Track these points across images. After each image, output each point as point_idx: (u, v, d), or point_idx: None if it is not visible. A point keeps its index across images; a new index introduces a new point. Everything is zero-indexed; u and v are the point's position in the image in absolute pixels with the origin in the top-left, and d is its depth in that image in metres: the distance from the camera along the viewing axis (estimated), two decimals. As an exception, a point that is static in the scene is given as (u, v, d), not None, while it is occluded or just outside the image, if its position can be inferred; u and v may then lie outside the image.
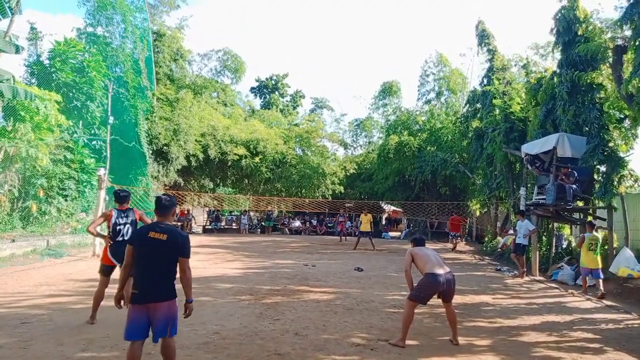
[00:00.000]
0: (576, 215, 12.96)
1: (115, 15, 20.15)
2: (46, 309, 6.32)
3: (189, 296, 3.83)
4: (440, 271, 5.35)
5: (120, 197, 5.94)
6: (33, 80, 16.52)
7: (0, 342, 4.85)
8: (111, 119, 16.54)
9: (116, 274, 5.83)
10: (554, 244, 13.60)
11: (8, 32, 13.14)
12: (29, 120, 13.47)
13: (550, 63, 14.67)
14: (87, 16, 20.35)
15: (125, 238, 5.73)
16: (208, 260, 13.03)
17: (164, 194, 4.45)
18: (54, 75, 16.39)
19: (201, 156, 23.61)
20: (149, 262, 3.71)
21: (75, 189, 15.19)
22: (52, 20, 67.87)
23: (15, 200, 13.68)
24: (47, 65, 16.78)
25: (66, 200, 14.83)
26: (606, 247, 11.49)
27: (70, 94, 16.48)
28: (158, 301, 3.67)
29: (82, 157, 15.98)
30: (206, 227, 26.94)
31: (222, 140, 24.67)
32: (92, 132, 17.23)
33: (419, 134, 28.56)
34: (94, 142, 17.27)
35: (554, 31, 12.99)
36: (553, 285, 10.67)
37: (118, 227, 5.75)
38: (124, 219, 5.80)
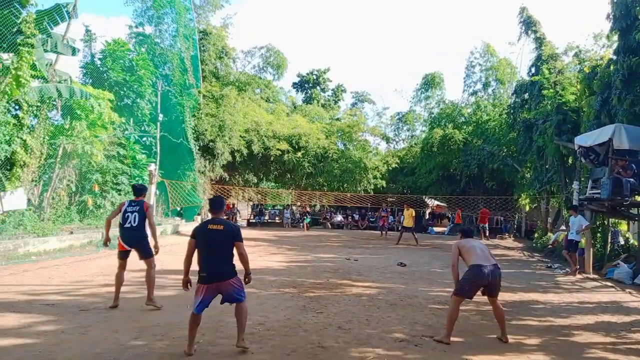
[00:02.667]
0: (634, 211, 12.24)
1: (165, 15, 20.84)
2: (102, 298, 6.65)
3: (248, 270, 4.69)
4: (484, 263, 5.22)
5: (135, 190, 6.68)
6: (88, 80, 17.36)
7: (62, 328, 5.16)
8: (161, 116, 17.12)
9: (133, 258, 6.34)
10: (609, 240, 12.92)
11: (65, 36, 13.88)
12: (84, 118, 14.14)
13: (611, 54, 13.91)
14: (135, 17, 21.20)
15: (133, 225, 6.25)
16: (252, 252, 13.24)
17: (216, 196, 5.25)
18: (105, 74, 17.16)
19: (245, 151, 24.07)
20: (211, 248, 4.43)
21: (127, 184, 15.87)
22: (105, 22, 71.05)
23: (73, 194, 14.47)
24: (99, 65, 17.58)
25: (119, 194, 15.50)
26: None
27: (122, 92, 17.21)
28: (224, 280, 4.44)
29: (134, 153, 16.65)
30: (250, 220, 27.49)
31: (265, 136, 25.04)
32: (143, 129, 17.94)
33: (465, 127, 27.86)
34: (144, 139, 17.96)
35: (611, 16, 12.26)
36: (608, 283, 10.14)
37: (126, 215, 6.30)
38: (134, 207, 6.34)
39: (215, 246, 4.44)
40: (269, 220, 27.98)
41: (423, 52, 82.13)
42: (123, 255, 6.39)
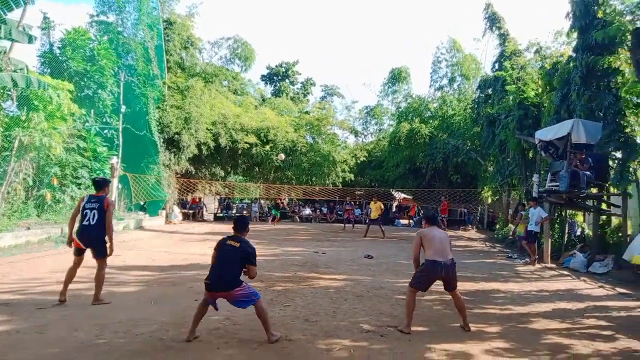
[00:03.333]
0: (590, 203, 12.80)
1: (127, 3, 20.17)
2: (61, 295, 6.43)
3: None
4: (439, 258, 5.35)
5: (95, 184, 6.34)
6: (46, 70, 16.64)
7: (17, 327, 4.95)
8: (123, 108, 16.62)
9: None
10: (566, 231, 13.47)
11: (21, 22, 13.21)
12: (42, 110, 13.57)
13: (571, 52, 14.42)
14: (96, 4, 20.45)
15: (91, 223, 5.94)
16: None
17: (240, 215, 5.29)
18: (65, 64, 16.51)
19: (212, 144, 23.65)
20: (222, 261, 4.73)
21: (88, 178, 15.36)
22: (64, 10, 68.16)
23: (30, 188, 13.88)
24: (59, 54, 16.89)
25: (80, 188, 15.00)
26: (620, 234, 11.38)
27: (82, 83, 16.60)
28: (225, 291, 4.67)
29: (95, 146, 16.12)
30: (217, 214, 27.14)
31: (232, 129, 24.68)
32: (104, 120, 17.37)
33: (431, 121, 28.34)
34: (106, 131, 17.40)
35: (570, 15, 12.66)
36: (565, 272, 10.59)
37: (85, 211, 5.99)
38: (93, 204, 6.02)
39: (226, 261, 4.71)
40: (237, 214, 27.68)
41: (391, 46, 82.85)
42: (78, 253, 6.12)
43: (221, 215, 26.92)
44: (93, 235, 5.98)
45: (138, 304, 6.17)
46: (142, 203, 19.86)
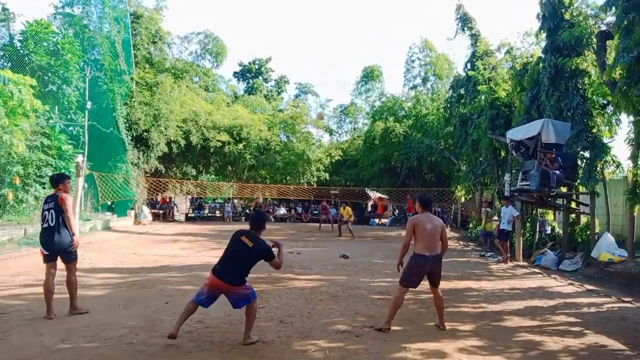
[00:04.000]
0: (559, 201, 13.10)
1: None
2: (24, 299, 6.13)
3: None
4: (427, 253, 5.33)
5: (51, 182, 5.97)
6: (6, 64, 15.89)
7: (-26, 334, 4.66)
8: (89, 104, 16.06)
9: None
10: (537, 229, 13.75)
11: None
12: (2, 105, 12.97)
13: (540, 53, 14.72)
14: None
15: (51, 224, 5.44)
16: (191, 248, 12.89)
17: (257, 212, 5.25)
18: (27, 58, 15.79)
19: (183, 142, 23.13)
20: (233, 255, 4.73)
21: (53, 176, 14.78)
22: (25, 1, 65.55)
23: (-10, 188, 13.27)
24: (20, 47, 16.16)
25: (44, 187, 14.41)
26: (588, 232, 11.67)
27: (46, 78, 15.92)
28: (231, 285, 4.62)
29: (60, 144, 15.51)
30: (189, 215, 26.62)
31: (204, 126, 24.20)
32: (69, 117, 16.71)
33: (405, 120, 28.60)
34: (71, 128, 16.75)
35: (540, 16, 12.92)
36: (536, 270, 10.79)
37: (44, 213, 5.53)
38: (49, 204, 5.54)
39: (237, 256, 4.71)
40: (209, 215, 27.27)
41: (364, 41, 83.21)
42: (47, 259, 5.52)
43: (193, 215, 26.41)
44: (56, 238, 5.44)
45: (106, 307, 5.93)
46: (109, 203, 19.28)
